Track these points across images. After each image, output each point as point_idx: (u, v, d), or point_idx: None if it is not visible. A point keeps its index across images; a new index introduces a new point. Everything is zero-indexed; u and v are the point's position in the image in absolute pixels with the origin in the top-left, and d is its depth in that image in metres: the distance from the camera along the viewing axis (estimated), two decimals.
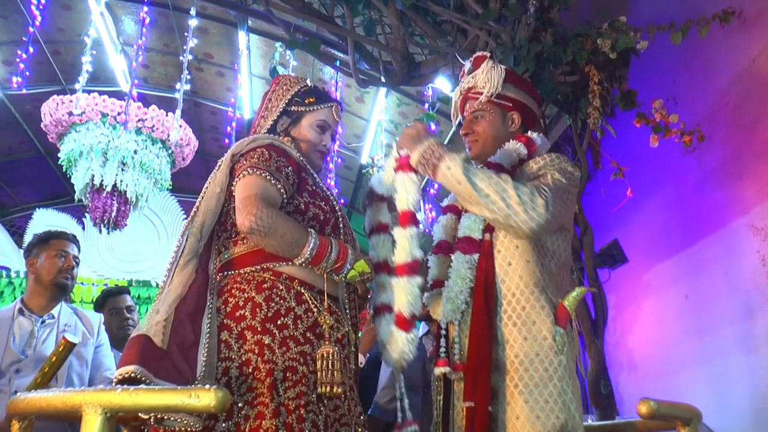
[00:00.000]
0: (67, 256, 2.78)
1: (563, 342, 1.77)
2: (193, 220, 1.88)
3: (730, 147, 3.42)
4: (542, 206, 1.72)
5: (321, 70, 5.96)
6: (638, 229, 4.38)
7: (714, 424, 3.44)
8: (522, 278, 1.81)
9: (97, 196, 6.11)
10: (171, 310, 1.69)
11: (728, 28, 3.31)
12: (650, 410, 1.60)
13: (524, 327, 1.79)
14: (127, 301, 3.46)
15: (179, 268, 1.78)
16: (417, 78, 3.98)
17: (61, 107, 5.93)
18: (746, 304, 3.29)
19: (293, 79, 2.17)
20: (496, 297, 1.83)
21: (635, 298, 4.45)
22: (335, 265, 1.81)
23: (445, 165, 1.78)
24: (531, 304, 1.80)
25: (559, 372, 1.75)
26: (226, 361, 1.70)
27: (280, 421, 1.61)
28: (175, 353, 1.63)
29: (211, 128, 7.78)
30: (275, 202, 1.80)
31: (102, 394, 1.27)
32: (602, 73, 3.20)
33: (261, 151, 1.89)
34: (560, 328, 1.78)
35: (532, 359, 1.76)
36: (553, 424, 1.69)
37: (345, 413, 1.77)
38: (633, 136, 3.87)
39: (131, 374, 1.51)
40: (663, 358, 4.07)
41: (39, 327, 2.64)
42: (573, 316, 1.82)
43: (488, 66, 2.04)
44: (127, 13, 6.16)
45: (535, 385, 1.74)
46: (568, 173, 1.86)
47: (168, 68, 6.98)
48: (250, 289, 1.79)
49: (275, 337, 1.71)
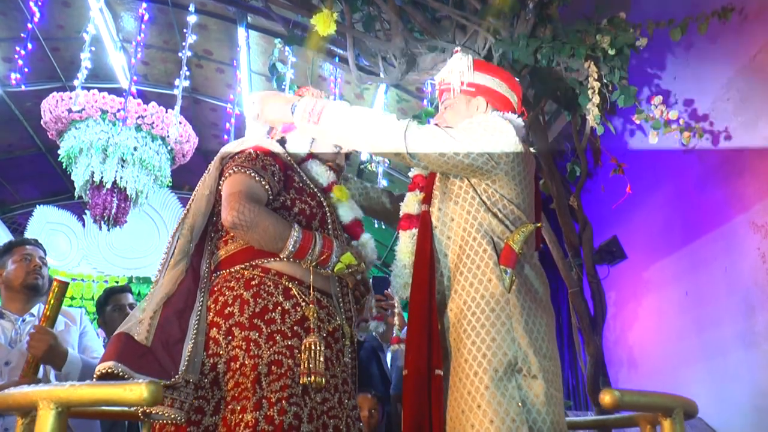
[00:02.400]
0: (32, 258, 2.87)
1: (510, 281, 1.76)
2: (183, 221, 1.93)
3: (731, 144, 3.41)
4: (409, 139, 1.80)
5: (320, 66, 5.95)
6: (638, 226, 4.37)
7: (714, 420, 3.43)
8: (465, 229, 1.85)
9: (97, 193, 6.11)
10: (158, 308, 1.76)
11: (729, 25, 3.29)
12: (614, 400, 1.39)
13: (470, 274, 1.80)
14: (129, 299, 3.54)
15: (169, 267, 1.85)
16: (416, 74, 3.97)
17: (60, 104, 5.93)
18: (746, 301, 3.29)
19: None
20: (438, 259, 1.87)
21: (635, 295, 4.44)
22: (320, 258, 1.84)
23: (332, 107, 1.87)
24: (474, 251, 1.82)
25: (507, 310, 1.75)
26: (214, 357, 1.75)
27: (261, 413, 1.64)
28: (159, 349, 1.69)
29: (211, 125, 7.77)
30: (260, 198, 1.86)
31: (52, 390, 1.35)
32: (602, 70, 3.19)
33: (248, 151, 1.95)
34: (506, 267, 1.78)
35: (479, 302, 1.77)
36: (500, 360, 1.69)
37: (335, 406, 1.78)
38: (633, 133, 3.86)
39: (108, 369, 1.59)
40: (663, 355, 4.07)
41: (20, 325, 2.73)
42: (521, 253, 1.80)
43: (456, 59, 2.10)
44: (126, 9, 6.14)
45: (482, 326, 1.74)
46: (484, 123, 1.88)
47: (167, 65, 6.96)
48: (239, 286, 1.83)
49: (262, 333, 1.75)
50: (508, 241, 1.80)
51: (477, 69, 2.08)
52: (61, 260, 8.20)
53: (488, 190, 1.87)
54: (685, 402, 1.61)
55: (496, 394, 1.66)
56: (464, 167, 1.84)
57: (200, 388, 1.73)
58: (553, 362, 1.78)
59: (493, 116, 1.92)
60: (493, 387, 1.66)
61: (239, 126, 6.51)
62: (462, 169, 1.85)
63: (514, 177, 1.88)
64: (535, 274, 1.87)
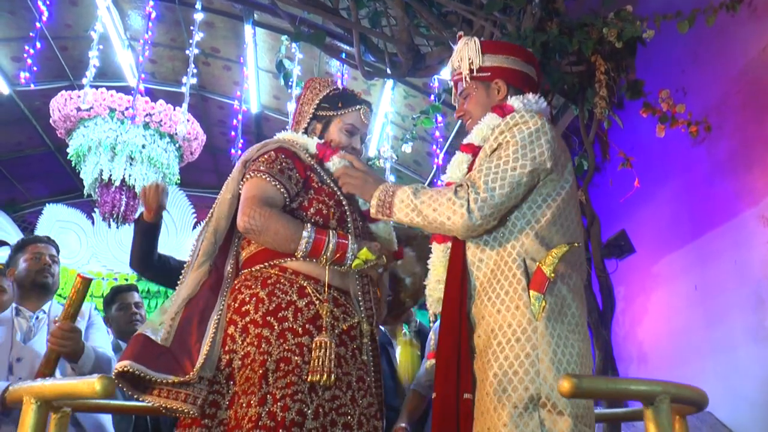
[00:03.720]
0: (42, 256, 2.90)
1: (539, 307, 1.64)
2: (207, 224, 2.00)
3: (740, 137, 3.39)
4: (475, 211, 1.68)
5: (327, 63, 5.96)
6: (646, 220, 4.36)
7: (724, 415, 3.42)
8: (498, 252, 1.74)
9: (105, 191, 6.14)
10: (180, 309, 1.85)
11: (738, 18, 3.27)
12: (571, 386, 1.23)
13: (497, 300, 1.69)
14: (135, 298, 3.55)
15: (193, 269, 1.93)
16: (423, 69, 3.97)
17: (69, 103, 5.96)
18: (756, 294, 3.27)
19: (323, 83, 2.21)
20: (469, 279, 1.77)
21: (644, 290, 4.43)
22: (335, 256, 1.86)
23: (399, 200, 1.79)
24: (504, 275, 1.71)
25: (534, 340, 1.61)
26: (230, 353, 1.80)
27: (264, 409, 1.68)
28: (177, 349, 1.78)
29: (218, 122, 7.79)
30: (275, 202, 1.90)
31: (32, 387, 1.54)
32: (609, 63, 3.17)
33: (269, 154, 1.98)
34: (536, 292, 1.65)
35: (505, 330, 1.65)
36: (520, 395, 1.57)
37: (346, 403, 1.79)
38: (640, 127, 3.84)
39: (124, 369, 1.68)
40: (672, 349, 4.06)
41: (34, 323, 2.78)
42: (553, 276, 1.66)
43: (462, 44, 1.99)
44: (134, 8, 6.17)
45: (505, 357, 1.62)
46: (526, 133, 1.75)
47: (175, 63, 6.99)
48: (256, 285, 1.87)
49: (274, 330, 1.78)
50: (540, 264, 1.68)
51: (486, 51, 1.96)
52: (70, 258, 8.23)
53: (536, 202, 1.76)
54: (676, 388, 1.38)
55: (514, 431, 1.55)
56: (527, 191, 1.75)
57: (216, 383, 1.79)
58: None
59: (519, 118, 1.78)
60: (512, 424, 1.56)
61: (247, 123, 6.53)
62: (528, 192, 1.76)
63: (559, 179, 1.78)
64: (573, 296, 1.71)
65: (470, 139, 1.91)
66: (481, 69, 1.96)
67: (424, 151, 6.70)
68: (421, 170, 7.21)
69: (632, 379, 1.57)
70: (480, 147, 1.86)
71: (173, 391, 1.73)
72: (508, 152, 1.73)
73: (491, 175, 1.71)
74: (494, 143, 1.79)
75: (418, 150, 6.48)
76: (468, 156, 1.90)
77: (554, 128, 1.83)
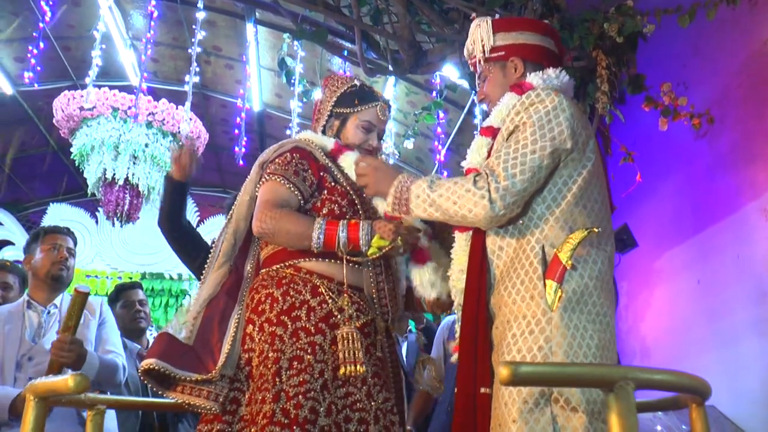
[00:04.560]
0: (60, 248, 2.87)
1: (555, 297, 1.56)
2: (227, 225, 2.06)
3: (742, 131, 3.39)
4: (497, 201, 1.60)
5: (329, 60, 5.97)
6: (648, 214, 4.36)
7: (727, 408, 3.43)
8: (518, 239, 1.67)
9: (109, 190, 6.16)
10: (201, 309, 1.92)
11: (738, 11, 3.27)
12: (509, 373, 1.09)
13: (513, 290, 1.63)
14: (139, 295, 3.58)
15: (214, 270, 1.99)
16: (424, 66, 3.98)
17: (72, 102, 5.98)
18: (759, 288, 3.27)
19: (340, 80, 2.20)
20: (489, 269, 1.70)
21: (647, 285, 4.43)
22: (350, 244, 1.84)
23: (415, 195, 1.72)
24: (521, 263, 1.64)
25: (548, 331, 1.54)
26: (249, 351, 1.86)
27: (278, 405, 1.72)
28: (200, 347, 1.85)
29: (221, 121, 7.81)
30: (288, 203, 1.93)
31: (31, 386, 1.69)
32: (610, 58, 3.18)
33: (284, 156, 2.01)
34: (552, 281, 1.57)
35: (520, 322, 1.58)
36: (531, 390, 1.50)
37: (361, 399, 1.80)
38: (642, 121, 3.84)
39: (149, 366, 1.76)
40: (675, 344, 4.06)
41: (45, 318, 2.78)
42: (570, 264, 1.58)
43: (474, 27, 1.92)
44: (136, 7, 6.18)
45: (518, 350, 1.55)
46: (543, 112, 1.67)
47: (177, 62, 7.00)
48: (272, 285, 1.91)
49: (287, 329, 1.82)
50: (557, 251, 1.60)
51: (498, 29, 1.88)
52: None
53: (556, 185, 1.68)
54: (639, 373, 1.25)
55: (524, 429, 1.48)
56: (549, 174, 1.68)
57: (236, 380, 1.85)
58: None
59: (534, 97, 1.70)
60: (521, 421, 1.49)
61: (249, 121, 6.54)
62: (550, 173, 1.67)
63: (581, 158, 1.69)
64: (596, 284, 1.62)
65: (489, 121, 1.83)
66: (494, 49, 1.87)
67: (425, 147, 6.70)
68: (423, 167, 7.22)
69: (587, 365, 1.48)
70: (499, 129, 1.78)
71: (196, 388, 1.81)
72: (526, 134, 1.65)
73: (510, 161, 1.63)
74: (510, 125, 1.71)
75: (419, 146, 6.49)
76: (488, 140, 1.81)
77: (574, 103, 1.75)
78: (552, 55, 1.88)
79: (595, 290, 1.61)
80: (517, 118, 1.70)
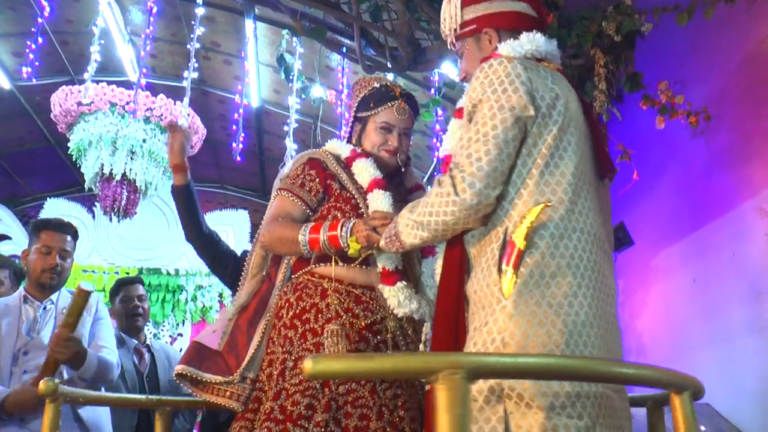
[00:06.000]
0: (52, 252, 2.78)
1: (510, 284, 1.42)
2: (257, 241, 2.17)
3: (739, 130, 3.40)
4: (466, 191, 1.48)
5: (328, 57, 5.96)
6: (645, 213, 4.37)
7: (722, 406, 3.44)
8: (486, 224, 1.55)
9: (106, 185, 6.16)
10: (233, 317, 2.08)
11: (736, 9, 3.28)
12: (308, 369, 0.91)
13: (475, 280, 1.53)
14: (138, 290, 3.60)
15: (247, 280, 2.16)
16: (423, 63, 3.98)
17: (70, 97, 5.98)
18: (754, 286, 3.29)
19: (363, 84, 2.21)
20: (468, 258, 1.60)
21: (643, 283, 4.45)
22: (332, 247, 1.90)
23: (402, 225, 1.62)
24: (484, 250, 1.54)
25: (500, 322, 1.41)
26: (271, 354, 1.97)
27: (277, 403, 1.81)
28: (228, 350, 2.02)
29: (219, 116, 7.80)
30: (291, 215, 2.03)
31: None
32: (608, 56, 3.19)
33: (297, 169, 2.11)
34: (506, 267, 1.44)
35: (480, 314, 1.48)
36: (480, 387, 1.38)
37: (364, 396, 1.83)
38: (639, 119, 3.85)
39: (181, 371, 1.97)
40: (671, 342, 4.08)
41: (41, 313, 2.77)
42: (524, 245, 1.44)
43: (444, 6, 1.81)
44: (134, 2, 6.18)
45: (474, 344, 1.45)
46: (497, 83, 1.54)
47: (175, 57, 7.00)
48: (290, 291, 2.02)
49: (297, 331, 1.92)
50: (511, 233, 1.47)
51: (467, 3, 1.75)
52: None
53: (521, 158, 1.53)
54: (468, 358, 1.06)
55: (473, 430, 1.36)
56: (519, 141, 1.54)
57: (259, 381, 1.98)
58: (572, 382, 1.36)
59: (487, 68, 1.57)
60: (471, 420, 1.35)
61: (247, 117, 6.53)
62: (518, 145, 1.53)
63: (546, 123, 1.54)
64: (569, 263, 1.46)
65: (460, 102, 1.73)
66: (464, 23, 1.76)
67: (424, 144, 6.71)
68: (422, 164, 7.22)
69: (409, 354, 1.41)
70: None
71: (221, 389, 1.98)
72: (484, 111, 1.53)
73: (473, 145, 1.50)
74: (469, 104, 1.59)
75: (418, 144, 6.50)
76: (461, 121, 1.68)
77: (537, 66, 1.62)
78: (529, 19, 1.73)
79: (559, 270, 1.45)
80: (474, 95, 1.57)
